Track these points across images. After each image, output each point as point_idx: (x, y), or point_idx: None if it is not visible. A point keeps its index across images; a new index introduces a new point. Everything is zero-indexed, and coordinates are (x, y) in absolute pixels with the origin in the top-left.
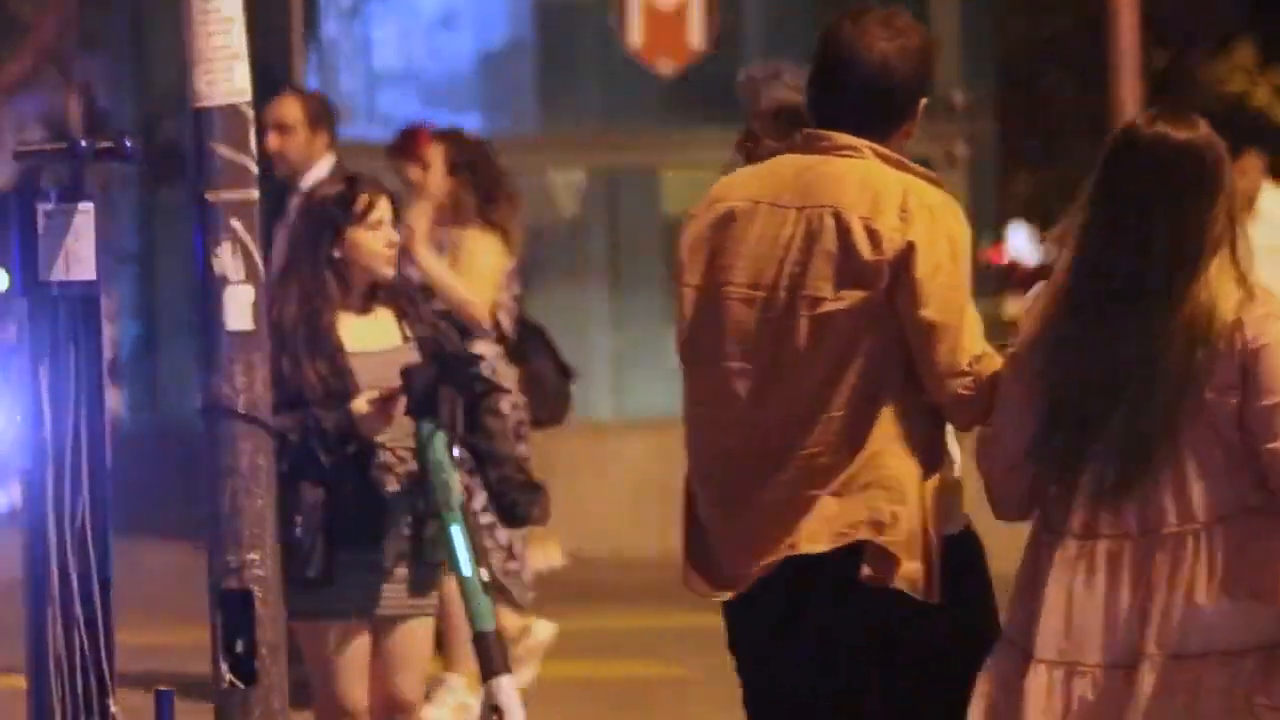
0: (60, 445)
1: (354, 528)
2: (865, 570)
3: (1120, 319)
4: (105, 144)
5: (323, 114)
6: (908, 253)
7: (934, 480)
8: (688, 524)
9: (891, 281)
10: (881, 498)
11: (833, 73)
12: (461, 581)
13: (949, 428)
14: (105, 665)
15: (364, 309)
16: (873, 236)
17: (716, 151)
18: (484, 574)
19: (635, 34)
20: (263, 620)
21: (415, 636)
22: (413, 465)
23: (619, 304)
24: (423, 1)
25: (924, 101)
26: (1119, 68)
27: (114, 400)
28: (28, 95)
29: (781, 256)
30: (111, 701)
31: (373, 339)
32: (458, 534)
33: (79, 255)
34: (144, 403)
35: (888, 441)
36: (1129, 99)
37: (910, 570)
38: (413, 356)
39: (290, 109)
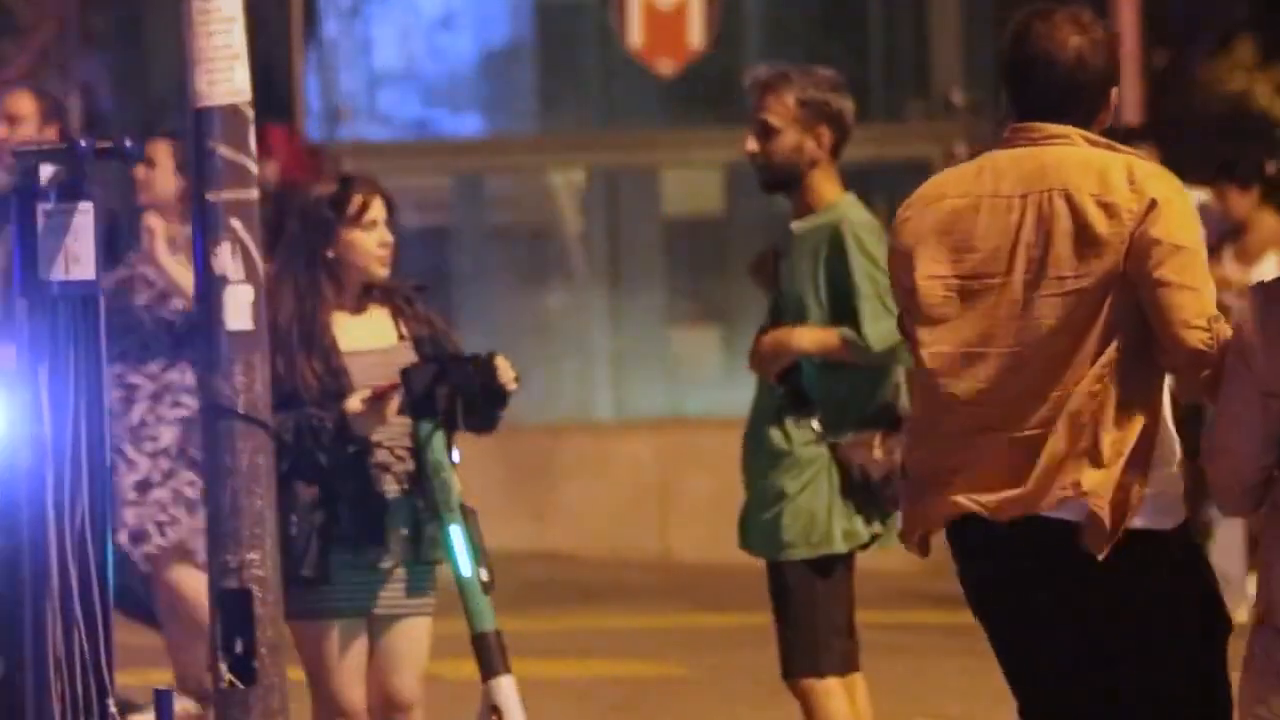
0: (60, 445)
1: (351, 527)
2: (1083, 539)
3: None
4: (105, 144)
5: (55, 112)
6: (1145, 219)
7: (1149, 451)
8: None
9: (1130, 249)
10: (1090, 476)
11: (1028, 70)
12: (460, 582)
13: (1168, 422)
14: (104, 665)
15: (359, 308)
16: (1108, 210)
17: (716, 151)
18: (484, 574)
19: (635, 34)
20: (262, 620)
21: (413, 636)
22: (410, 465)
23: (619, 304)
24: (423, 1)
25: (1114, 91)
26: (1120, 68)
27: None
28: None
29: (1012, 243)
30: (111, 701)
31: (368, 338)
32: (457, 534)
33: (79, 255)
34: None
35: (1106, 415)
36: (1130, 99)
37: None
38: (408, 355)
39: (23, 102)
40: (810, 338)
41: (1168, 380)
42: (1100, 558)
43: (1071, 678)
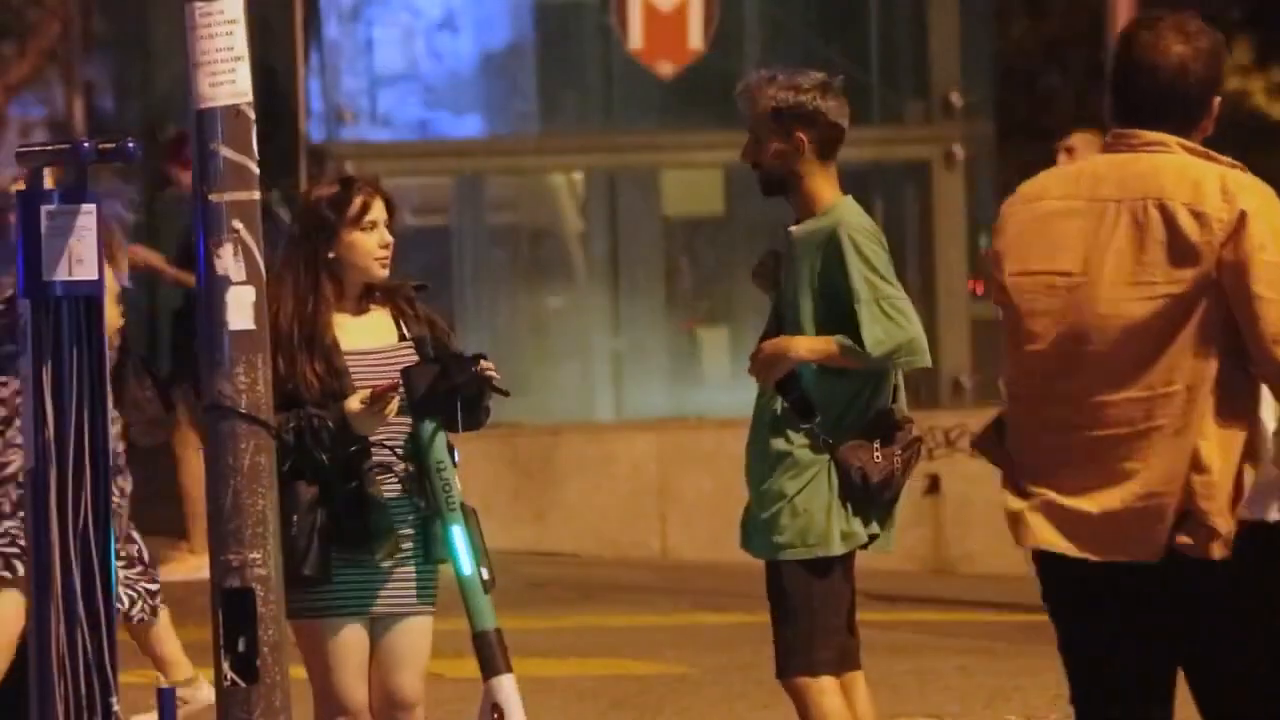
0: (63, 444)
1: (351, 527)
2: (1183, 539)
3: None
4: (108, 145)
5: None
6: (1235, 231)
7: (1246, 458)
8: (1013, 482)
9: (1220, 259)
10: (1198, 481)
11: (1133, 77)
12: (461, 581)
13: (1266, 413)
14: (108, 663)
15: (360, 309)
16: (1199, 220)
17: (716, 152)
18: (484, 573)
19: (635, 35)
20: (264, 619)
21: (415, 635)
22: (411, 465)
23: (619, 304)
24: (424, 3)
25: (1218, 100)
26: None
27: (116, 400)
28: (31, 97)
29: (1105, 246)
30: (114, 699)
31: (369, 339)
32: (458, 533)
33: (81, 256)
34: None
35: (1205, 420)
36: None
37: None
38: (409, 356)
39: None
40: (807, 345)
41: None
42: (1216, 556)
43: (1159, 665)
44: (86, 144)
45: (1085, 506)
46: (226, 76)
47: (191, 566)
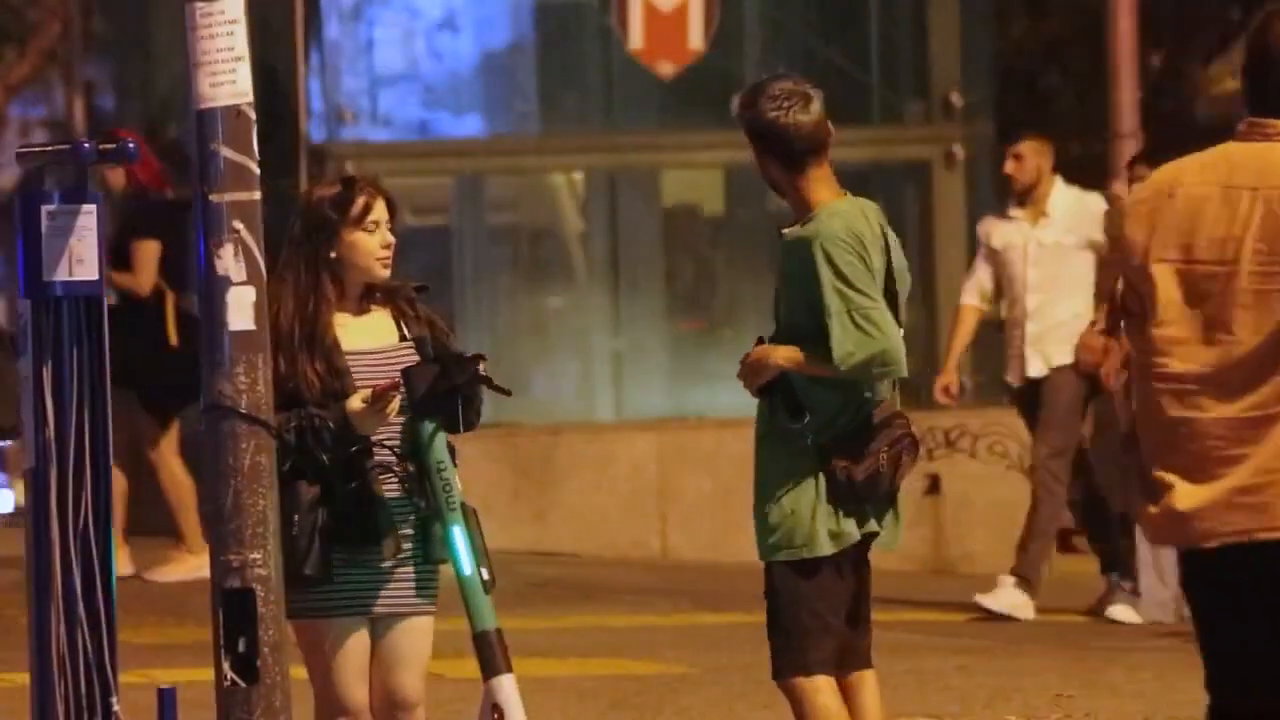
0: (64, 444)
1: (352, 527)
2: None
3: None
4: (108, 145)
5: None
6: None
7: None
8: (1145, 482)
9: None
10: None
11: (1265, 67)
12: (461, 580)
13: None
14: (108, 664)
15: (361, 309)
16: None
17: (716, 152)
18: (484, 573)
19: (635, 35)
20: (265, 619)
21: (416, 635)
22: (411, 464)
23: (619, 304)
24: (424, 3)
25: None
26: (1118, 71)
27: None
28: (31, 97)
29: (1241, 235)
30: (114, 700)
31: (370, 339)
32: (458, 534)
33: (82, 256)
34: None
35: None
36: (1127, 102)
37: None
38: (410, 356)
39: None
40: (784, 354)
41: None
42: None
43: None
44: (86, 144)
45: (1208, 494)
46: (227, 76)
47: (191, 566)
